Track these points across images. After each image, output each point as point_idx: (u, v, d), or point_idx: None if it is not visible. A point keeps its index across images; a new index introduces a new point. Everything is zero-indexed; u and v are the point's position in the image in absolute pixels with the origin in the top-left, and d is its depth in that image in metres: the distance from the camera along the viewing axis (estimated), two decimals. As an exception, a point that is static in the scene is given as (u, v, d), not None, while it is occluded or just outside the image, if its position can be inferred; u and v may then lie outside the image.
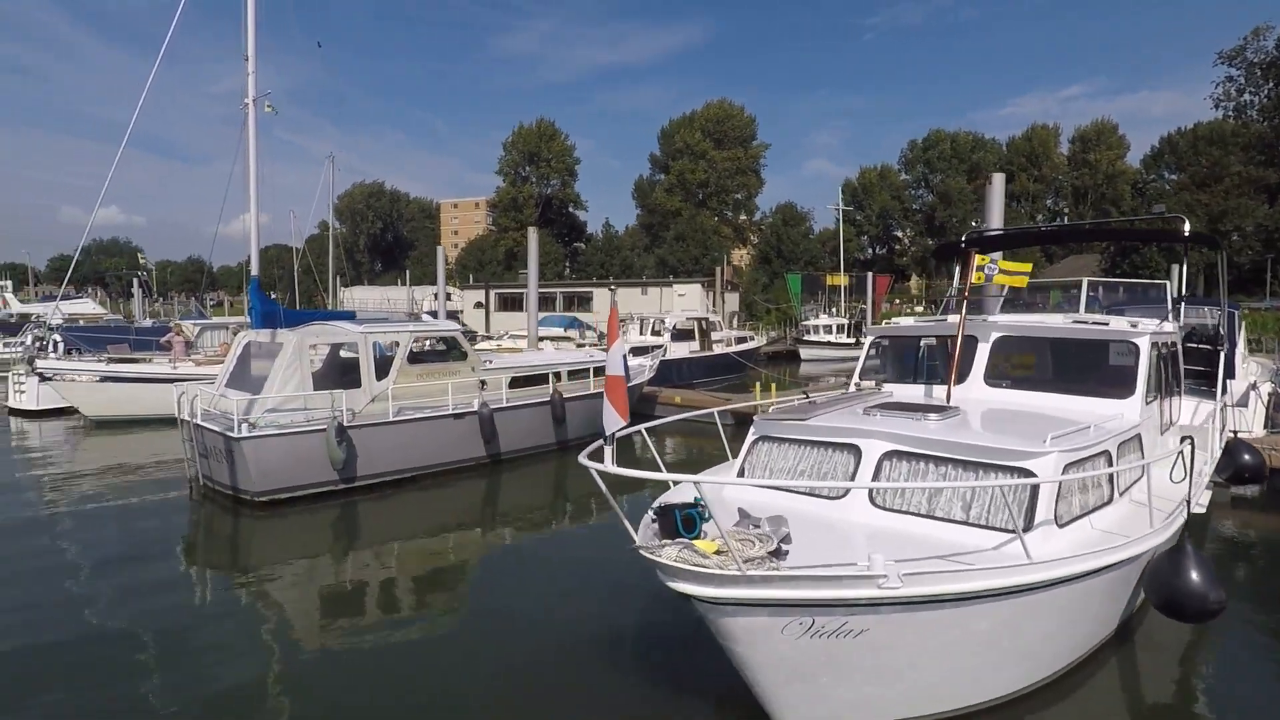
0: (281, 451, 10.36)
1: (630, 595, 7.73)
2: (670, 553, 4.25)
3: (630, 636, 6.82)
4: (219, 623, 7.20)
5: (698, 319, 27.18)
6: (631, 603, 7.47)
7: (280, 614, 7.41)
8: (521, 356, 15.04)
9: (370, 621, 7.14)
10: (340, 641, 6.69)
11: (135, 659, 6.36)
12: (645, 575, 8.58)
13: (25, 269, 79.68)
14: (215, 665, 6.28)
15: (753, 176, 72.31)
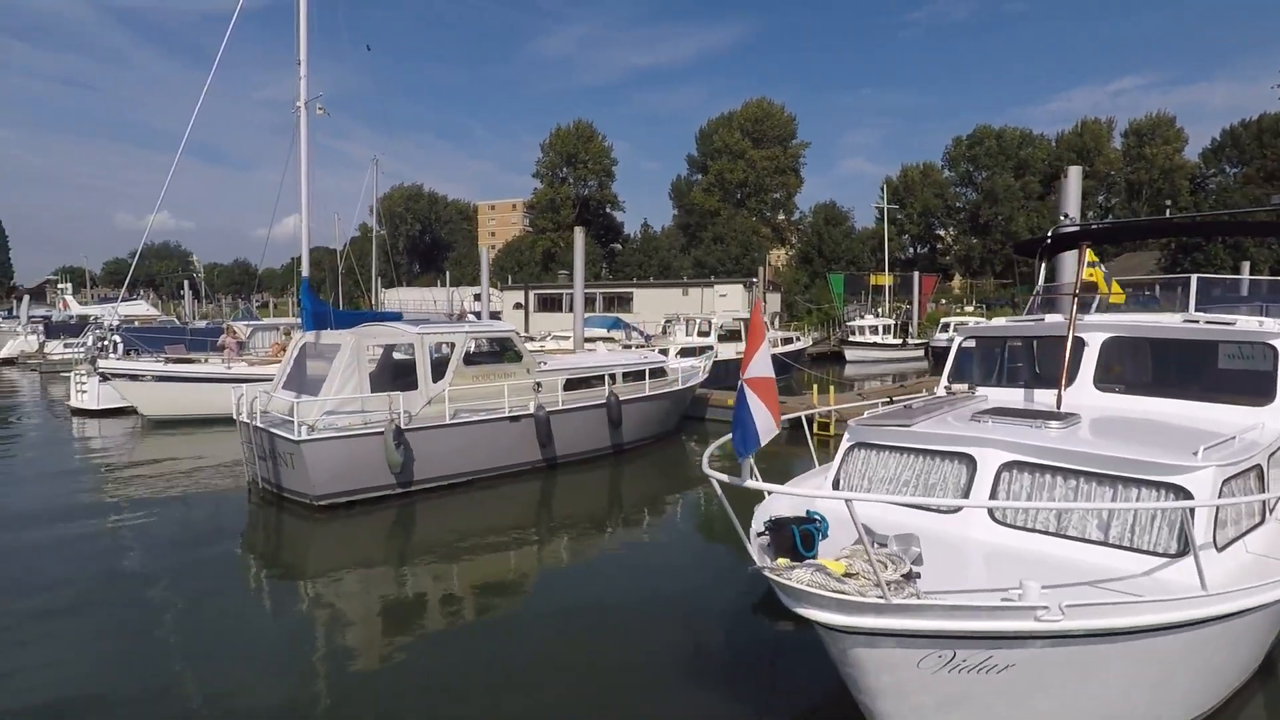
0: (340, 455, 10.20)
1: (692, 603, 7.52)
2: (801, 576, 3.84)
3: (694, 646, 6.53)
4: (274, 625, 7.10)
5: (744, 319, 26.66)
6: (694, 611, 7.27)
7: (336, 618, 7.27)
8: (576, 358, 14.75)
9: (427, 628, 6.98)
10: (396, 647, 6.53)
11: (187, 660, 6.26)
12: (707, 583, 8.36)
13: (83, 272, 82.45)
14: (268, 668, 6.14)
15: (792, 176, 71.30)
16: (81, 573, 8.39)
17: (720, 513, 11.26)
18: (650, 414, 14.61)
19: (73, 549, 9.25)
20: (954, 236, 76.37)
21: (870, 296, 45.95)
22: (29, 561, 8.79)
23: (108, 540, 9.67)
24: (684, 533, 10.37)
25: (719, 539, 9.93)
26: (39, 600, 7.57)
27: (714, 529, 10.48)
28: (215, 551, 9.20)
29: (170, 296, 77.25)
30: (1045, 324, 7.62)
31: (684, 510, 11.53)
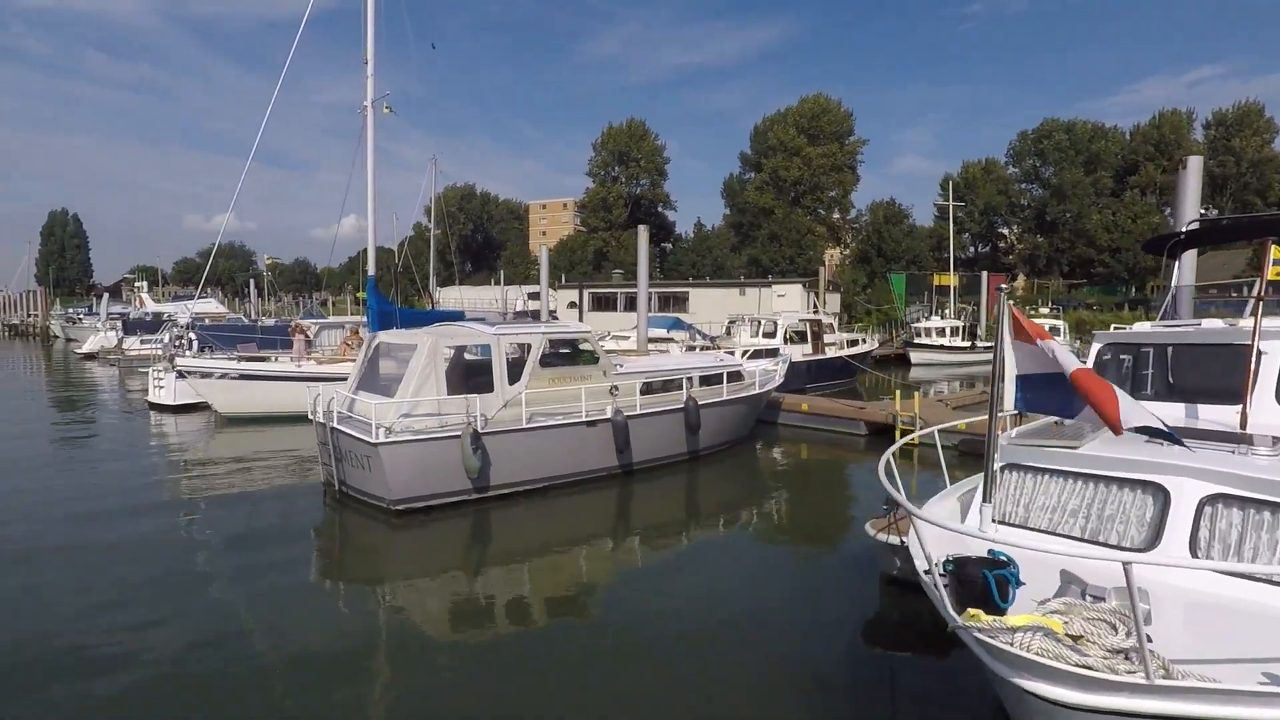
0: (417, 458, 9.91)
1: (779, 618, 7.08)
2: (1028, 641, 3.21)
3: (782, 664, 6.13)
4: (348, 629, 6.93)
5: (810, 320, 25.80)
6: (781, 626, 6.94)
7: (412, 624, 7.12)
8: (652, 360, 14.26)
9: (504, 638, 6.75)
10: (471, 655, 6.34)
11: (255, 658, 6.18)
12: (795, 597, 7.71)
13: (156, 271, 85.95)
14: (339, 672, 5.98)
15: (848, 173, 69.54)
16: (155, 566, 8.39)
17: (802, 524, 10.74)
18: (728, 419, 14.02)
19: (149, 543, 9.27)
20: (1018, 235, 73.46)
21: (934, 297, 44.30)
22: (106, 553, 8.84)
23: (183, 535, 9.65)
24: (765, 543, 9.78)
25: (803, 551, 9.37)
26: (112, 592, 7.60)
27: (797, 540, 9.86)
28: (290, 551, 9.07)
29: (235, 294, 79.85)
30: (1207, 330, 6.76)
31: (763, 519, 10.96)
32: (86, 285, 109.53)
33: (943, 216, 71.68)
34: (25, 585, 7.81)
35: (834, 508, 11.43)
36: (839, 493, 12.48)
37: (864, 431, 16.17)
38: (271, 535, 9.63)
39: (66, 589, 7.68)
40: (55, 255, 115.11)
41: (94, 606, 7.23)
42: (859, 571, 8.12)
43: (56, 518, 10.18)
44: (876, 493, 12.18)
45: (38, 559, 8.58)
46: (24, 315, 69.12)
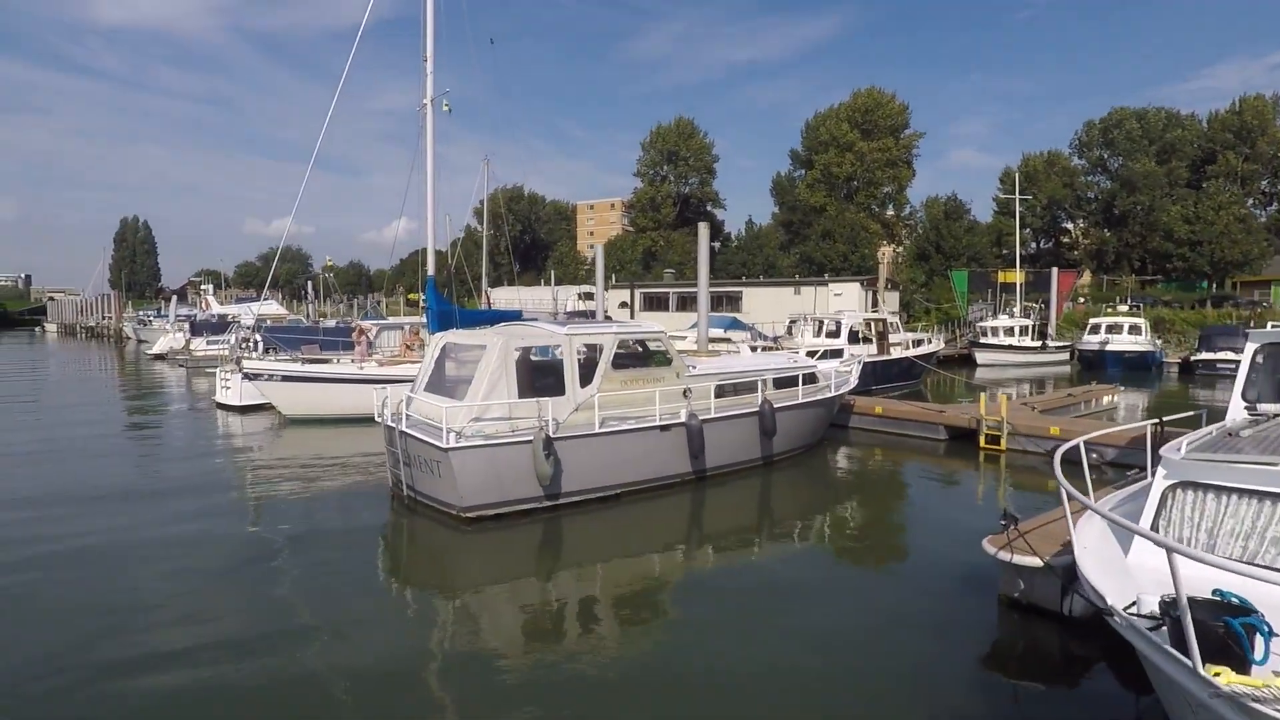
0: (489, 464, 9.55)
1: (873, 642, 6.53)
2: None
3: (880, 695, 5.66)
4: (415, 636, 6.76)
5: (875, 319, 24.83)
6: (875, 651, 6.37)
7: (481, 634, 6.92)
8: (725, 362, 13.68)
9: (576, 653, 6.41)
10: (539, 670, 6.07)
11: (320, 667, 6.02)
12: (885, 618, 6.95)
13: (219, 275, 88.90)
14: (407, 682, 5.82)
15: (904, 168, 67.48)
16: (221, 564, 8.35)
17: (894, 536, 10.02)
18: (803, 423, 13.36)
19: (215, 541, 9.23)
20: (1083, 229, 70.22)
21: (998, 295, 42.47)
22: (172, 549, 8.88)
23: (248, 535, 9.55)
24: (855, 557, 9.12)
25: (899, 567, 8.72)
26: (176, 589, 7.61)
27: (891, 555, 9.18)
28: (356, 556, 8.86)
29: (292, 296, 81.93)
30: None
31: (850, 531, 10.32)
32: (156, 289, 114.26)
33: (1003, 211, 68.97)
34: (94, 576, 7.99)
35: (928, 519, 10.66)
36: (929, 502, 11.68)
37: (944, 436, 15.29)
38: (338, 538, 9.44)
39: (132, 583, 7.78)
40: (127, 260, 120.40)
41: (157, 601, 7.29)
42: (971, 592, 7.42)
43: (127, 513, 10.34)
44: (968, 502, 11.39)
45: (107, 552, 8.78)
46: (99, 318, 72.22)
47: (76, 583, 7.77)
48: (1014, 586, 6.74)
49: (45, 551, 8.76)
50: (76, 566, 8.29)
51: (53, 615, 6.96)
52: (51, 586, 7.68)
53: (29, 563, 8.37)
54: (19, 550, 8.74)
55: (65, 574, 8.04)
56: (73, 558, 8.57)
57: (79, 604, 7.20)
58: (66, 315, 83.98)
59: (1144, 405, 22.63)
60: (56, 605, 7.18)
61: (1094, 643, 6.34)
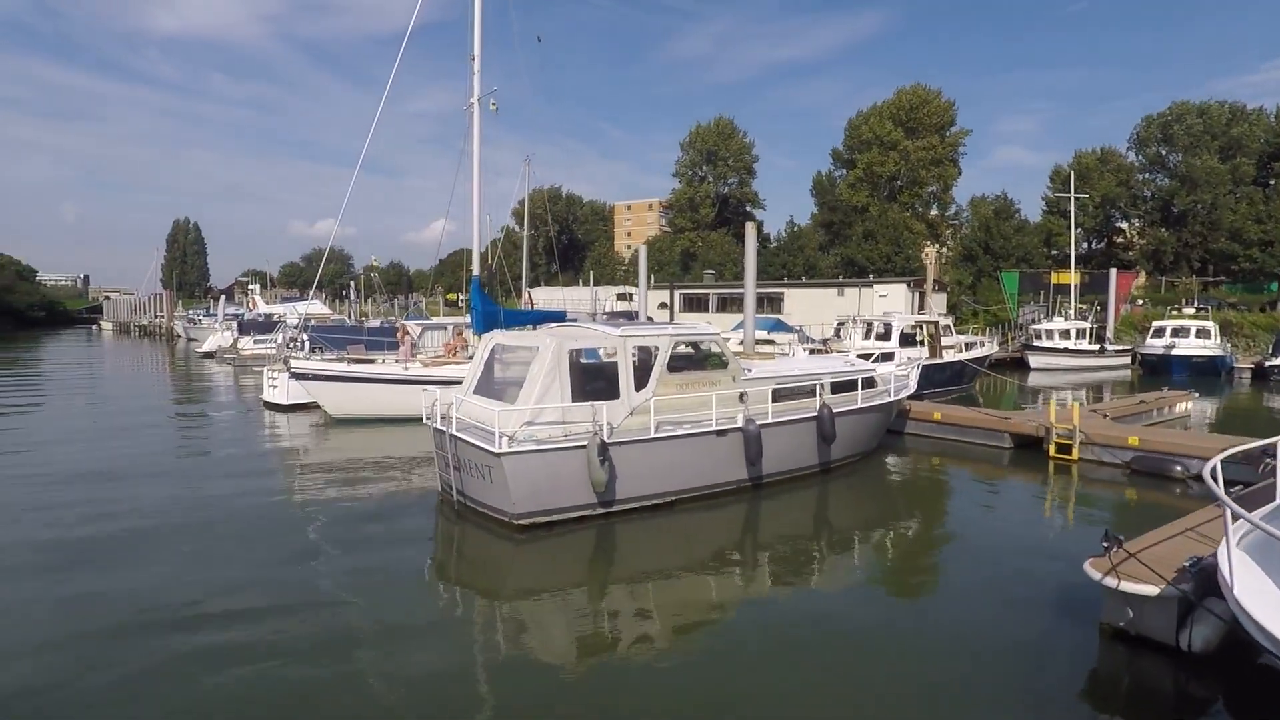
0: (542, 470, 9.24)
1: (951, 667, 6.01)
2: None
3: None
4: (465, 645, 6.59)
5: (927, 321, 24.02)
6: (955, 678, 5.87)
7: (530, 643, 6.70)
8: (781, 365, 13.21)
9: (630, 666, 6.17)
10: (591, 681, 5.90)
11: (367, 671, 5.88)
12: (963, 641, 6.35)
13: (265, 275, 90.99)
14: (456, 690, 5.68)
15: (949, 166, 65.86)
16: (266, 566, 8.21)
17: (968, 551, 9.35)
18: (861, 429, 12.81)
19: (263, 542, 9.11)
20: (1139, 229, 67.60)
21: (1051, 297, 41.00)
22: (218, 549, 8.81)
23: (294, 538, 9.40)
24: (925, 571, 8.58)
25: (975, 584, 8.03)
26: (222, 587, 7.56)
27: (966, 571, 8.55)
28: (405, 560, 8.68)
29: (334, 296, 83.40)
30: None
31: (919, 543, 9.79)
32: (205, 288, 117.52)
33: (1053, 210, 66.82)
34: (141, 569, 8.09)
35: (1002, 534, 10.03)
36: (1001, 516, 11.03)
37: (1008, 445, 14.56)
38: (386, 542, 9.25)
39: (177, 580, 7.78)
40: (178, 261, 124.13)
41: (200, 598, 7.27)
42: (1065, 619, 6.85)
43: (173, 511, 10.37)
44: (1043, 517, 10.67)
45: (153, 547, 8.82)
46: (151, 316, 74.41)
47: (123, 575, 7.86)
48: (1120, 615, 6.16)
49: (93, 543, 8.84)
50: (125, 559, 8.37)
51: (99, 609, 6.98)
52: (99, 580, 7.72)
53: (80, 558, 8.36)
54: (71, 550, 8.70)
55: (112, 569, 8.06)
56: (122, 549, 8.69)
57: (125, 596, 7.27)
58: (121, 314, 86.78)
59: (1216, 413, 21.45)
60: (102, 599, 7.21)
61: (1214, 681, 5.76)
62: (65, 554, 8.47)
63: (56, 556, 8.39)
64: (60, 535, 9.14)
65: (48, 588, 7.47)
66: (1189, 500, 10.91)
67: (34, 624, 6.66)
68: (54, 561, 8.22)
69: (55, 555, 8.44)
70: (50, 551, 8.55)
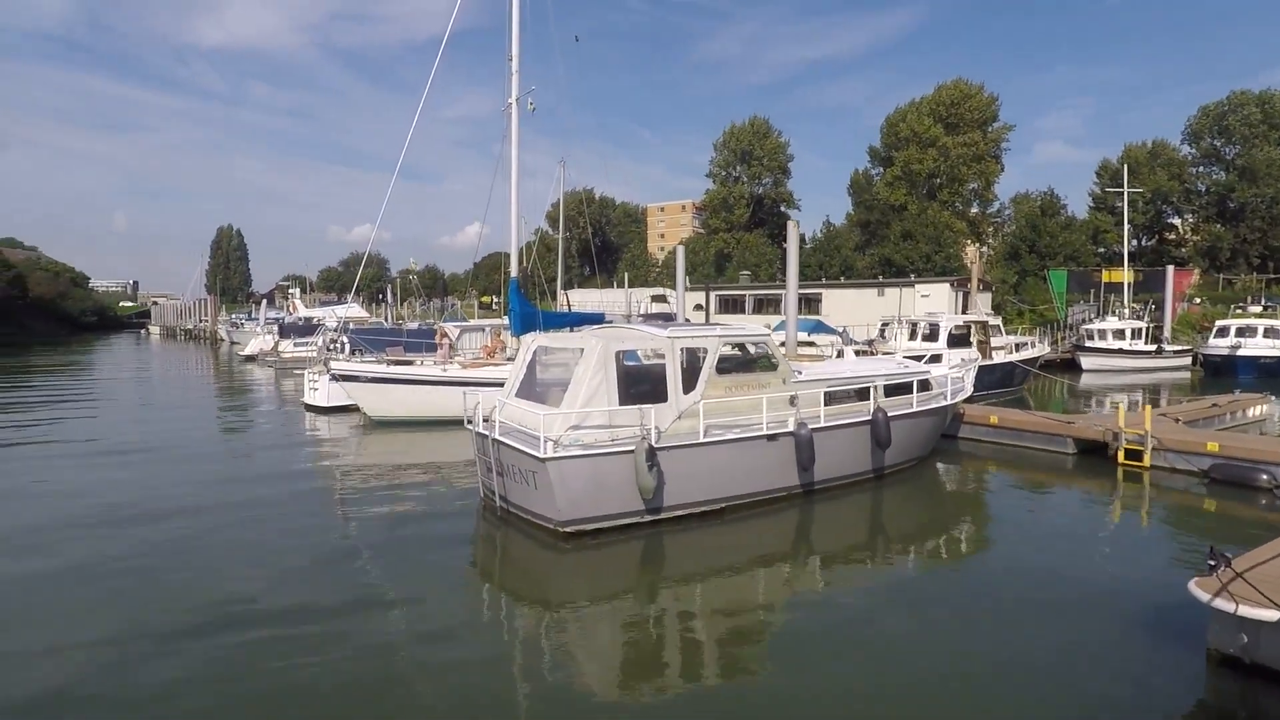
0: (588, 476, 8.91)
1: (1038, 695, 5.45)
2: None
3: None
4: (508, 653, 6.42)
5: (976, 322, 23.20)
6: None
7: (574, 657, 6.40)
8: (832, 367, 12.73)
9: (671, 679, 5.89)
10: (634, 697, 5.65)
11: (408, 679, 5.74)
12: (1049, 665, 5.79)
13: (304, 280, 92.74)
14: (496, 700, 5.51)
15: (991, 163, 64.17)
16: (305, 573, 8.03)
17: (1039, 563, 8.67)
18: (917, 433, 12.26)
19: (303, 547, 8.94)
20: (1193, 224, 65.02)
21: (1102, 295, 39.53)
22: (258, 551, 8.80)
23: (335, 543, 9.23)
24: (994, 584, 7.94)
25: (1050, 600, 7.43)
26: (262, 590, 7.53)
27: (1039, 585, 7.94)
28: (447, 567, 8.44)
29: (371, 299, 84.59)
30: None
31: (985, 554, 9.28)
32: (247, 293, 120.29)
33: (1100, 207, 64.69)
34: (182, 566, 8.24)
35: (1075, 546, 9.36)
36: (1071, 527, 10.34)
37: (1071, 450, 13.82)
38: (427, 547, 9.04)
39: (217, 576, 7.89)
40: (221, 266, 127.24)
41: (248, 599, 7.27)
42: (1163, 641, 6.29)
43: (222, 511, 10.43)
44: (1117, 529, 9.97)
45: (194, 544, 8.99)
46: (196, 320, 76.31)
47: (175, 574, 7.97)
48: (1232, 641, 5.59)
49: (145, 544, 8.95)
50: (176, 559, 8.47)
51: (152, 606, 7.09)
52: (152, 579, 7.84)
53: (135, 557, 8.48)
54: (126, 549, 8.72)
55: (165, 569, 8.12)
56: (173, 549, 8.79)
57: (176, 593, 7.41)
58: (168, 318, 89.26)
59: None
60: (156, 596, 7.32)
61: (1345, 716, 5.17)
62: (121, 553, 8.63)
63: (113, 555, 8.53)
64: (115, 534, 9.31)
65: (106, 585, 7.61)
66: (1276, 513, 10.17)
67: (94, 620, 6.77)
68: (110, 560, 8.33)
69: (112, 554, 8.57)
70: (107, 551, 8.69)
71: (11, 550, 8.75)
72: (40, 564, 8.28)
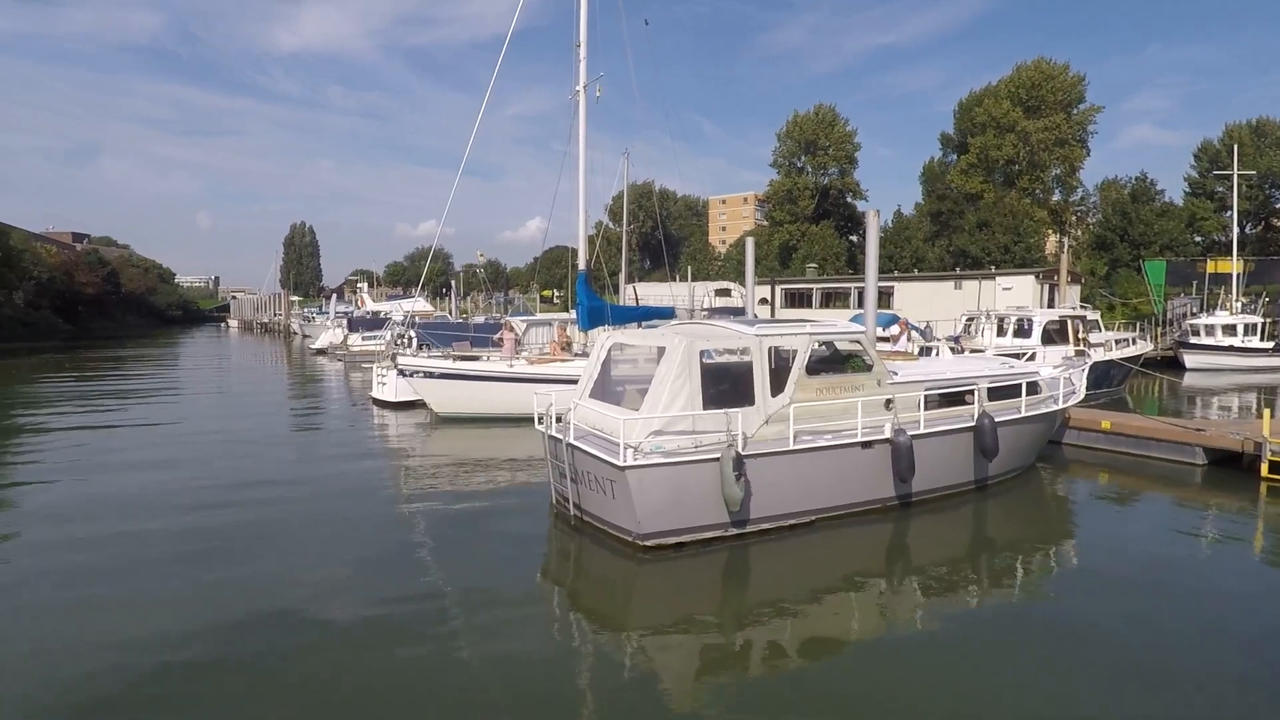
0: (670, 485, 8.25)
1: None
2: None
3: None
4: (587, 677, 5.89)
5: (1072, 316, 21.51)
6: None
7: (651, 683, 5.88)
8: (929, 366, 11.71)
9: (762, 706, 5.39)
10: None
11: (480, 694, 5.47)
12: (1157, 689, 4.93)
13: (372, 274, 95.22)
14: None
15: (1076, 147, 60.44)
16: (371, 579, 7.73)
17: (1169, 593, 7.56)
18: (1024, 441, 11.17)
19: (371, 545, 8.75)
20: (1306, 210, 59.76)
21: (1206, 287, 36.56)
22: (328, 550, 8.59)
23: (401, 549, 8.85)
24: (1119, 612, 6.89)
25: (1180, 636, 6.39)
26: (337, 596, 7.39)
27: (1164, 616, 6.87)
28: (516, 580, 7.91)
29: (435, 294, 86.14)
30: None
31: (1088, 573, 8.22)
32: (318, 288, 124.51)
33: (1198, 192, 60.17)
34: (249, 554, 8.44)
35: (1221, 574, 8.20)
36: (1213, 550, 9.10)
37: (1201, 461, 12.41)
38: (494, 557, 8.55)
39: (296, 575, 7.81)
40: (294, 262, 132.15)
41: (317, 595, 7.25)
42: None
43: (291, 505, 10.50)
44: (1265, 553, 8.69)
45: (261, 536, 9.11)
46: (271, 315, 79.20)
47: (250, 566, 8.06)
48: None
49: (220, 534, 9.06)
50: (251, 551, 8.54)
51: (228, 597, 7.18)
52: (229, 570, 7.92)
53: (212, 549, 8.56)
54: (205, 542, 8.73)
55: (241, 561, 8.20)
56: (249, 541, 8.90)
57: (252, 585, 7.51)
58: (245, 312, 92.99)
59: None
60: (232, 588, 7.42)
61: None
62: (199, 546, 8.65)
63: (192, 549, 8.54)
64: (195, 526, 9.46)
65: (188, 575, 7.72)
66: None
67: (178, 610, 6.88)
68: (191, 553, 8.41)
69: (191, 547, 8.61)
70: (187, 543, 8.75)
71: (95, 535, 8.95)
72: (117, 546, 8.65)
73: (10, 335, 57.28)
